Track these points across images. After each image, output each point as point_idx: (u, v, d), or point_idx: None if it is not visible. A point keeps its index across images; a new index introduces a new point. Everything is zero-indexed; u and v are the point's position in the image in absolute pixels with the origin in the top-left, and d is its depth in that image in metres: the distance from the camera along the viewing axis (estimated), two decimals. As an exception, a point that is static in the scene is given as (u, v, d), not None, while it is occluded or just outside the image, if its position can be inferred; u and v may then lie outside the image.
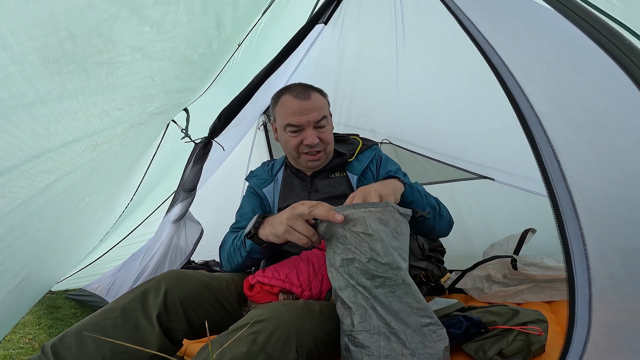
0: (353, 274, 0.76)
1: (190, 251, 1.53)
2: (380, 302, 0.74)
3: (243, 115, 1.47)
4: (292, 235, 0.81)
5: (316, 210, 0.79)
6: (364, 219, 0.77)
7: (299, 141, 1.10)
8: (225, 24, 1.12)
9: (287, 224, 0.81)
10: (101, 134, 0.92)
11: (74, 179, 0.94)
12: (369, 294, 0.74)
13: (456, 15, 0.71)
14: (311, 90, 1.11)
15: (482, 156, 1.98)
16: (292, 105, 1.08)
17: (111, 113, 0.90)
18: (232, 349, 0.63)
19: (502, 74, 0.60)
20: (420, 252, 1.54)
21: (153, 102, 1.07)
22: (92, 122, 0.85)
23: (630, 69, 0.48)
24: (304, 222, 0.80)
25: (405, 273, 0.77)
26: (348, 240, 0.77)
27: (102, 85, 0.81)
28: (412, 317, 0.73)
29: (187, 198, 1.50)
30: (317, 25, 1.64)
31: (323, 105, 1.12)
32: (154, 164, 1.63)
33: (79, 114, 0.79)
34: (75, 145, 0.84)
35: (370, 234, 0.75)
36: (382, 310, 0.73)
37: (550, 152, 0.52)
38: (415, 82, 1.94)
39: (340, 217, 0.76)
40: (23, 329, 1.69)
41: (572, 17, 0.56)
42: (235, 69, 1.62)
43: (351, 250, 0.76)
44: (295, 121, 1.07)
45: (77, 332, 0.74)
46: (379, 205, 0.79)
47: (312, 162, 1.13)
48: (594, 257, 0.49)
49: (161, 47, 0.91)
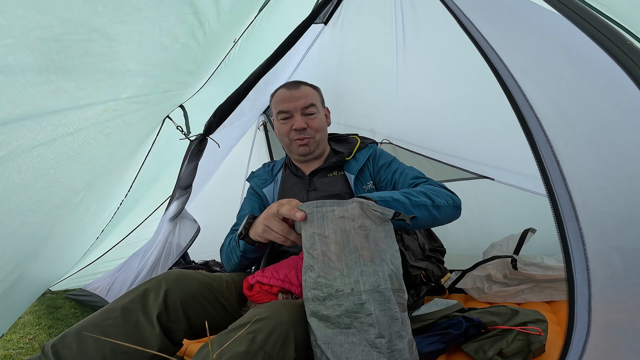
0: (307, 286, 0.71)
1: (185, 246, 1.52)
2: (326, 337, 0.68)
3: (240, 113, 1.47)
4: (270, 235, 0.82)
5: (281, 209, 0.77)
6: (322, 218, 0.71)
7: (289, 127, 1.15)
8: (206, 14, 1.10)
9: (263, 223, 0.82)
10: (63, 113, 0.88)
11: (40, 163, 0.90)
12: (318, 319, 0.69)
13: (456, 15, 0.71)
14: (301, 84, 1.19)
15: (482, 155, 1.98)
16: (283, 95, 1.17)
17: (70, 91, 0.87)
18: (231, 348, 0.63)
19: (501, 74, 0.60)
20: (420, 252, 1.54)
21: (128, 87, 1.05)
22: (44, 98, 0.81)
23: (631, 69, 0.48)
24: (278, 221, 0.80)
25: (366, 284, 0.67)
26: (307, 241, 0.72)
27: (53, 63, 0.77)
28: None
29: (183, 195, 1.51)
30: (317, 25, 1.64)
31: (311, 95, 1.17)
32: (149, 160, 1.62)
33: (28, 88, 0.75)
34: (28, 122, 0.80)
35: (325, 235, 0.69)
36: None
37: (550, 152, 0.52)
38: (415, 82, 1.93)
39: (300, 215, 0.72)
40: (23, 329, 1.69)
41: (572, 17, 0.56)
42: (232, 66, 1.63)
43: (308, 254, 0.71)
44: (284, 107, 1.15)
45: (77, 332, 0.74)
46: (346, 203, 0.72)
47: (302, 147, 1.16)
48: (594, 257, 0.49)
49: (126, 30, 0.88)
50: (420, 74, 1.90)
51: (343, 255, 0.69)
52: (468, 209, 2.07)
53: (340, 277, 0.68)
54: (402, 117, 2.11)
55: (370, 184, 1.16)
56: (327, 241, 0.70)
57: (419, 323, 0.98)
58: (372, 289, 0.67)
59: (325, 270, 0.69)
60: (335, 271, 0.69)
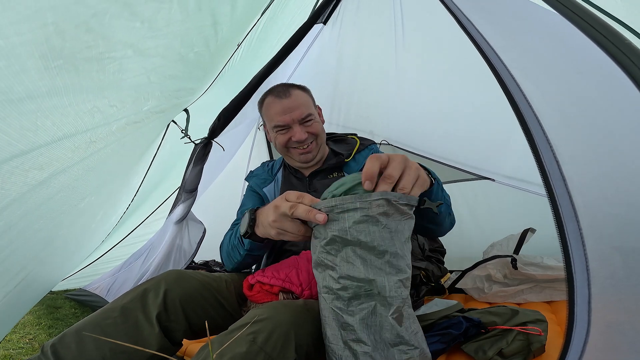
0: (327, 282, 0.67)
1: (194, 252, 1.53)
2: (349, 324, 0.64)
3: (243, 116, 1.47)
4: (286, 237, 0.74)
5: (296, 212, 0.68)
6: (344, 219, 0.63)
7: (287, 138, 1.12)
8: (222, 23, 1.11)
9: (275, 227, 0.73)
10: (94, 131, 0.90)
11: (69, 178, 0.93)
12: (339, 310, 0.65)
13: (455, 15, 0.71)
14: (291, 88, 1.13)
15: (482, 157, 1.98)
16: (276, 106, 1.11)
17: (103, 110, 0.89)
18: (232, 348, 0.63)
19: (501, 74, 0.59)
20: (420, 253, 1.55)
21: (148, 100, 1.06)
22: (82, 119, 0.83)
23: (630, 68, 0.48)
24: (291, 221, 0.71)
25: (392, 288, 0.63)
26: (324, 240, 0.66)
27: (93, 82, 0.79)
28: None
29: (189, 199, 1.51)
30: (316, 25, 1.64)
31: (305, 102, 1.13)
32: (155, 164, 1.63)
33: (68, 109, 0.77)
34: (66, 142, 0.83)
35: (348, 239, 0.63)
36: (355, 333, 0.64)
37: (550, 152, 0.52)
38: (415, 82, 1.93)
39: (322, 218, 0.64)
40: (23, 329, 1.69)
41: (571, 17, 0.56)
42: (235, 69, 1.62)
43: (325, 252, 0.66)
44: (280, 121, 1.10)
45: (77, 332, 0.74)
46: (369, 197, 0.62)
47: (304, 155, 1.14)
48: (594, 257, 0.49)
49: (153, 44, 0.90)
50: (420, 75, 1.90)
51: (369, 260, 0.63)
52: (468, 209, 2.08)
53: (367, 281, 0.63)
54: (401, 118, 2.11)
55: None
56: (351, 245, 0.63)
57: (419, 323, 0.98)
58: (396, 296, 0.64)
59: (349, 272, 0.64)
60: (360, 274, 0.63)
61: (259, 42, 1.62)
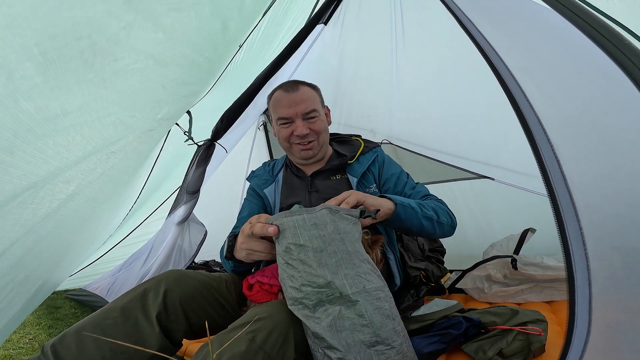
0: (291, 293, 0.71)
1: (194, 253, 1.53)
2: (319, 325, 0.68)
3: (245, 116, 1.47)
4: (255, 256, 0.82)
5: (254, 229, 0.76)
6: (295, 227, 0.71)
7: (290, 132, 1.12)
8: (230, 27, 1.12)
9: (244, 248, 0.81)
10: (118, 143, 0.92)
11: (94, 190, 0.94)
12: (307, 319, 0.69)
13: (456, 15, 0.71)
14: (300, 84, 1.14)
15: (483, 155, 1.98)
16: (282, 99, 1.12)
17: (124, 120, 0.89)
18: (231, 347, 0.63)
19: (502, 74, 0.59)
20: (420, 253, 1.54)
21: (162, 107, 1.06)
22: (107, 131, 0.84)
23: (630, 69, 0.48)
24: (257, 241, 0.79)
25: (347, 284, 0.68)
26: (284, 253, 0.72)
27: (118, 94, 0.80)
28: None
29: (191, 200, 1.51)
30: (317, 26, 1.64)
31: (312, 98, 1.14)
32: (157, 166, 1.63)
33: (96, 122, 0.78)
34: (93, 156, 0.84)
35: (301, 244, 0.70)
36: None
37: (550, 152, 0.52)
38: (415, 81, 1.94)
39: (273, 230, 0.72)
40: (23, 329, 1.69)
41: (571, 18, 0.56)
42: (237, 71, 1.62)
43: (287, 265, 0.71)
44: (284, 113, 1.11)
45: (77, 332, 0.74)
46: (314, 210, 0.73)
47: (304, 151, 1.14)
48: (594, 257, 0.49)
49: (172, 53, 0.91)
50: (421, 74, 1.90)
51: (323, 260, 0.69)
52: (468, 209, 2.08)
53: (325, 284, 0.68)
54: (402, 117, 2.11)
55: (374, 187, 1.15)
56: (305, 249, 0.70)
57: (419, 323, 0.98)
58: (359, 291, 0.68)
59: (308, 278, 0.69)
60: (319, 278, 0.68)
61: (261, 44, 1.62)
